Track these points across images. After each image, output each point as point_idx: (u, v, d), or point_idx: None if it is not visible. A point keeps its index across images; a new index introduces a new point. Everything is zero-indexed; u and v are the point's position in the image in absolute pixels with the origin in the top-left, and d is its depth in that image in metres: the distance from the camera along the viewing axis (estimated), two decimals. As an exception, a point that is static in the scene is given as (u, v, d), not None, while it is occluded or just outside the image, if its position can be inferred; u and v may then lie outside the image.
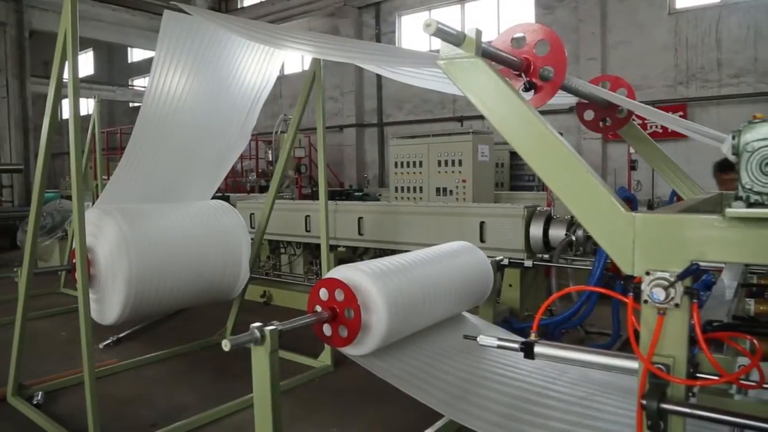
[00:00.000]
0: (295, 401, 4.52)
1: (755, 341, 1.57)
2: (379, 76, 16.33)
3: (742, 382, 1.51)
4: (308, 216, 7.04)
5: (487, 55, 1.84)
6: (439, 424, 3.82)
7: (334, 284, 2.67)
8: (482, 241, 5.33)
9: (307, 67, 5.16)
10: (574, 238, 5.05)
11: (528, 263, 5.19)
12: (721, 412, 1.44)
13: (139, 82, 25.41)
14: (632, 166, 10.46)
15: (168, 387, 4.80)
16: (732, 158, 1.39)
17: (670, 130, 9.85)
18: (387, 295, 2.63)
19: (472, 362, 2.86)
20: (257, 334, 2.46)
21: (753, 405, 1.72)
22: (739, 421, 1.43)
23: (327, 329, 2.71)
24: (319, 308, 2.71)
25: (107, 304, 4.25)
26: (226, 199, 6.91)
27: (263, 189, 13.19)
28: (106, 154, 12.14)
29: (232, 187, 13.66)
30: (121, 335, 5.94)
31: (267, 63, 4.84)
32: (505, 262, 4.54)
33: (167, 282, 4.34)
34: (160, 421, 4.02)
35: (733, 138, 1.36)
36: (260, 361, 2.54)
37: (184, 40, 4.31)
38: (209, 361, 5.29)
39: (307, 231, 7.08)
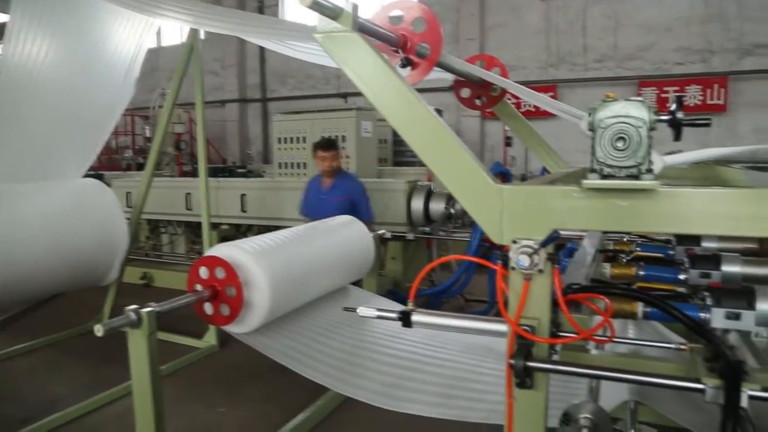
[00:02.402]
0: (180, 383, 4.41)
1: (607, 301, 1.72)
2: (262, 50, 15.88)
3: (596, 337, 1.66)
4: (189, 194, 6.77)
5: (364, 30, 1.84)
6: (329, 395, 3.89)
7: (215, 262, 2.60)
8: (366, 215, 5.41)
9: (185, 38, 4.93)
10: (453, 211, 5.26)
11: (410, 236, 5.35)
12: (577, 366, 1.58)
13: (-7, 49, 22.89)
14: (507, 142, 11.02)
15: (40, 379, 4.51)
16: (588, 134, 1.50)
17: (541, 109, 10.45)
18: (269, 272, 2.61)
19: (357, 334, 2.91)
20: (133, 316, 2.37)
21: (607, 358, 1.90)
22: (592, 373, 1.58)
23: (208, 308, 2.65)
24: (199, 287, 2.64)
25: (-40, 295, 3.88)
26: (100, 177, 6.47)
27: (141, 166, 12.46)
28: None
29: (106, 165, 12.79)
30: (-19, 327, 5.46)
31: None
32: (388, 235, 4.65)
33: (30, 268, 4.02)
34: (33, 415, 3.77)
35: (589, 115, 1.47)
36: (137, 345, 2.44)
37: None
38: (86, 348, 5.00)
39: (187, 209, 6.82)
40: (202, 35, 4.98)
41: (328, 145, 5.00)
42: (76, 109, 4.52)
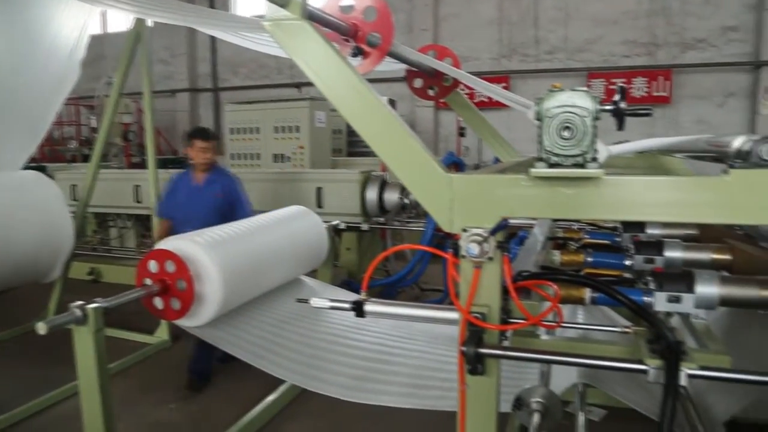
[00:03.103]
0: (130, 381, 4.33)
1: (556, 287, 1.76)
2: (213, 39, 15.54)
3: (544, 323, 1.69)
4: (138, 186, 6.59)
5: (315, 18, 1.83)
6: (281, 389, 3.86)
7: (164, 255, 2.55)
8: (320, 206, 5.37)
9: (132, 25, 4.77)
10: (407, 201, 5.27)
11: (364, 227, 5.34)
12: (527, 351, 1.62)
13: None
14: (461, 132, 11.11)
15: (-20, 382, 4.33)
16: (536, 123, 1.52)
17: (494, 100, 10.57)
18: (220, 264, 2.57)
19: (310, 326, 2.90)
20: (78, 313, 2.30)
21: (556, 342, 1.95)
22: (541, 357, 1.61)
23: (158, 303, 2.59)
24: (149, 281, 2.58)
25: None
26: (42, 169, 6.23)
27: (87, 158, 12.04)
28: None
29: (49, 157, 12.32)
30: None
31: None
32: (342, 226, 4.63)
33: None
34: (-27, 419, 3.62)
35: (537, 105, 1.49)
36: (84, 343, 2.38)
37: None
38: (30, 348, 4.81)
39: (137, 201, 6.64)
40: (149, 22, 4.85)
41: (207, 134, 4.40)
42: (14, 94, 4.30)
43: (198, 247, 2.58)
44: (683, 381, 1.42)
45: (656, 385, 1.47)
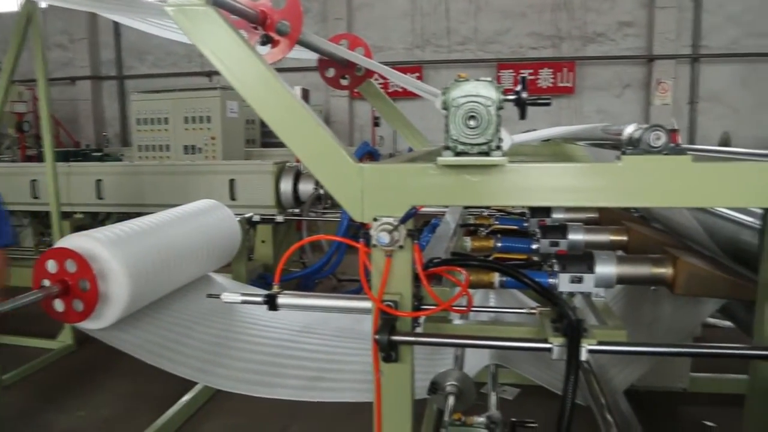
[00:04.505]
0: (32, 390, 4.08)
1: (465, 273, 1.80)
2: (116, 24, 14.74)
3: (455, 308, 1.74)
4: (35, 180, 6.17)
5: (220, 4, 1.77)
6: (196, 389, 3.76)
7: (64, 254, 2.40)
8: (233, 198, 5.24)
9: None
10: (322, 191, 5.24)
11: (279, 218, 5.26)
12: (439, 336, 1.66)
13: None
14: (375, 122, 11.18)
15: None
16: (443, 112, 1.55)
17: (407, 89, 10.67)
18: (126, 262, 2.45)
19: (220, 324, 2.83)
20: (-34, 319, 2.13)
21: (468, 327, 2.00)
22: (451, 342, 1.66)
23: (59, 305, 2.44)
24: (47, 282, 2.42)
25: None
26: None
27: (-25, 152, 11.15)
28: None
29: (-70, 151, 11.32)
30: None
31: None
32: (257, 218, 4.53)
33: None
34: None
35: (443, 94, 1.52)
36: (-27, 351, 2.21)
37: None
38: None
39: (34, 197, 6.21)
40: (43, 3, 4.54)
41: None
42: None
43: (101, 244, 2.45)
44: (584, 356, 1.50)
45: (562, 362, 1.55)
